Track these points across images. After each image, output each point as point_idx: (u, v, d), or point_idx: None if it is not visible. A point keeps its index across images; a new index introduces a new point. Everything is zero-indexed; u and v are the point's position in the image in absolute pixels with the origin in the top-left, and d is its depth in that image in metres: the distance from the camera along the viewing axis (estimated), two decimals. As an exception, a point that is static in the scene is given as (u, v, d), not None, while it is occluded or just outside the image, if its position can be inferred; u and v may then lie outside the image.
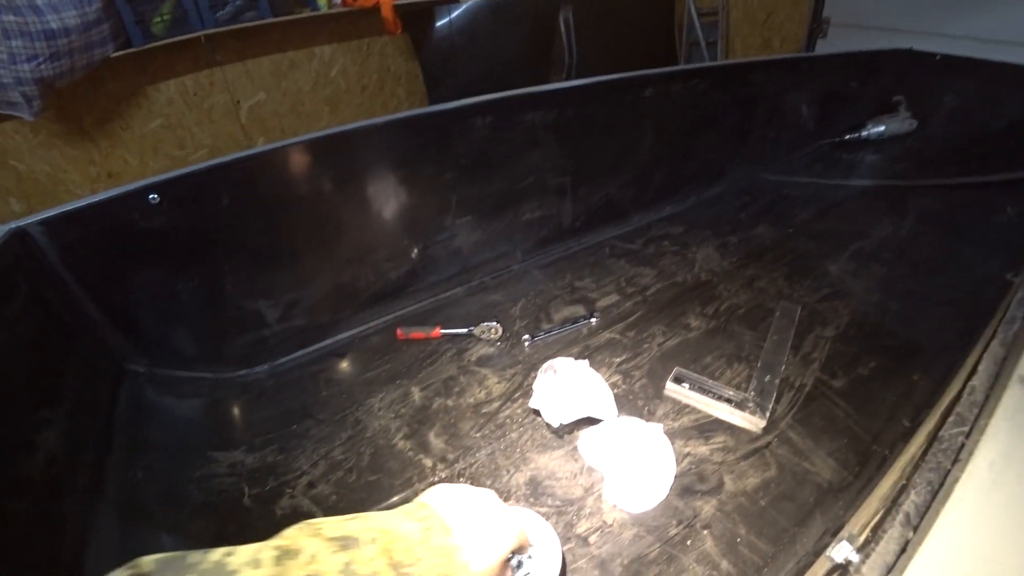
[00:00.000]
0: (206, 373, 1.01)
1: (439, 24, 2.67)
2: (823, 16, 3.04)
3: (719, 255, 1.29)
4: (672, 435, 0.81)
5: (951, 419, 0.37)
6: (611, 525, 0.69)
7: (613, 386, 0.90)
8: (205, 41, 2.25)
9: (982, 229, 1.39)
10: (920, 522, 0.31)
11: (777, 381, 0.89)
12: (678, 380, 0.89)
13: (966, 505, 0.31)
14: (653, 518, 0.70)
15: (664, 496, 0.72)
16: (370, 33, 2.69)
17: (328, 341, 1.09)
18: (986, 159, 1.69)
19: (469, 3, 2.72)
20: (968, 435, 0.36)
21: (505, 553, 0.49)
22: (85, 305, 0.87)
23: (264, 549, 0.36)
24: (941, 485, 0.33)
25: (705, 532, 0.68)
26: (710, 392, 0.86)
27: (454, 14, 2.68)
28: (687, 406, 0.87)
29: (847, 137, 1.96)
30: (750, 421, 0.82)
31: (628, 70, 1.28)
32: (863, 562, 0.29)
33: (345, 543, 0.39)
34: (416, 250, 1.14)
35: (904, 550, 0.30)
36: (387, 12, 2.30)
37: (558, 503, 0.73)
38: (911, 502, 0.32)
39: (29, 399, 0.71)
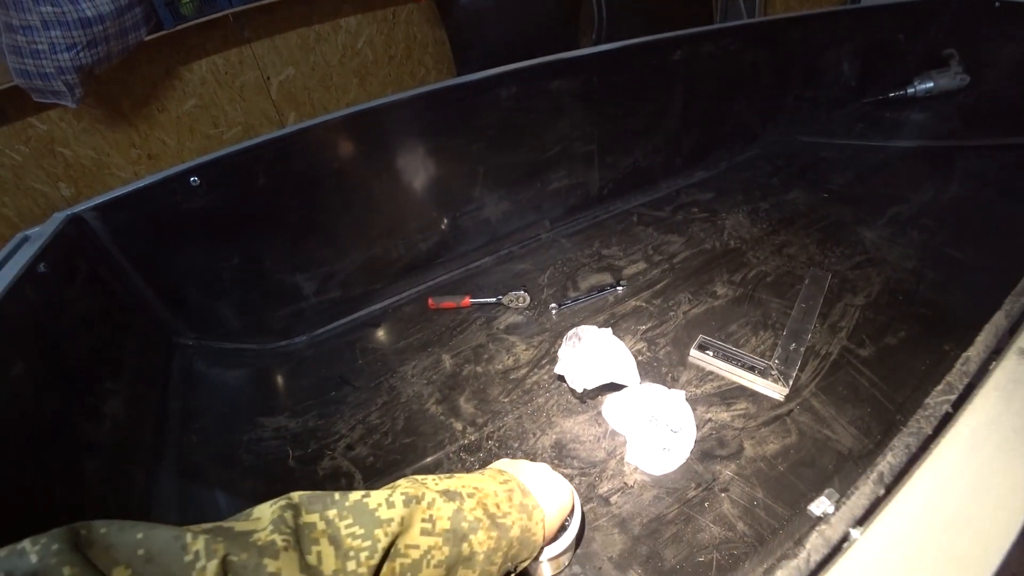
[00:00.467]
0: (250, 344, 1.07)
1: (464, -12, 2.63)
2: (871, -39, 2.86)
3: (749, 221, 1.28)
4: (694, 401, 0.82)
5: (939, 387, 0.39)
6: (632, 487, 0.72)
7: (638, 353, 0.92)
8: (233, 19, 2.28)
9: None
10: (893, 481, 0.33)
11: (803, 349, 0.89)
12: (702, 348, 0.90)
13: (940, 468, 0.32)
14: (673, 481, 0.72)
15: (684, 460, 0.74)
16: (395, 2, 2.67)
17: (362, 312, 1.13)
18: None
19: (494, -34, 2.66)
20: (955, 404, 0.37)
21: (565, 512, 0.58)
22: (137, 283, 0.93)
23: (394, 493, 0.43)
24: (921, 448, 0.35)
25: (723, 495, 0.70)
26: (734, 360, 0.87)
27: (479, -24, 2.63)
28: (711, 373, 0.88)
29: (891, 95, 1.87)
30: (773, 388, 0.83)
31: (661, 27, 1.25)
32: (833, 514, 0.32)
33: (450, 495, 0.46)
34: (446, 221, 1.17)
35: (873, 506, 0.32)
36: (412, -21, 2.28)
37: (582, 465, 0.76)
38: (887, 462, 0.34)
39: (94, 371, 0.78)
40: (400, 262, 1.15)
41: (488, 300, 1.09)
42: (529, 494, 0.53)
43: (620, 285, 1.09)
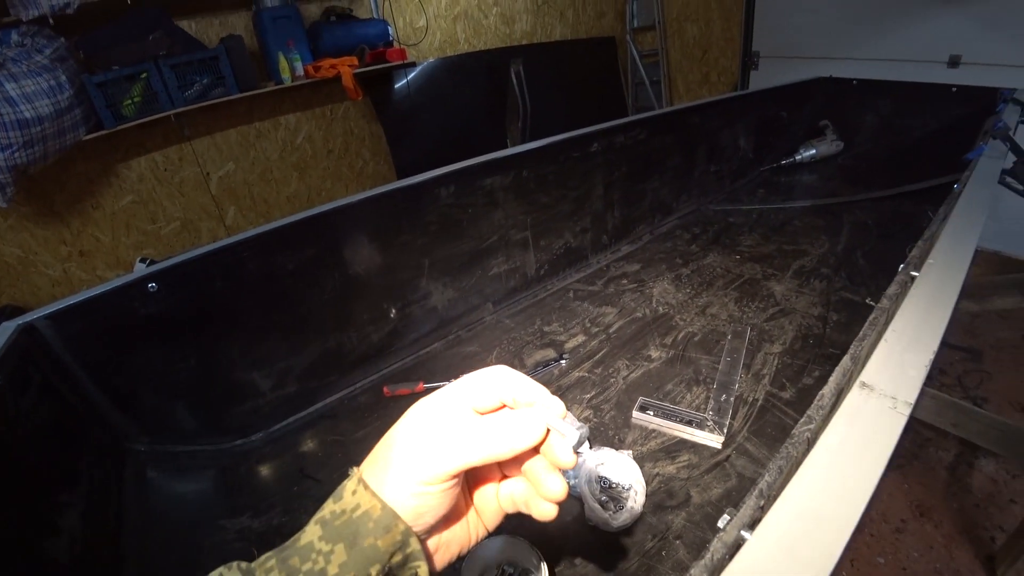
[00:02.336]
0: (205, 446, 1.06)
1: (398, 86, 2.82)
2: (753, 50, 3.31)
3: (674, 287, 1.41)
4: (641, 459, 0.89)
5: (802, 419, 0.50)
6: (594, 546, 0.77)
7: (585, 420, 0.99)
8: (174, 119, 2.34)
9: (911, 236, 1.54)
10: (771, 494, 0.43)
11: (732, 399, 0.99)
12: (643, 408, 0.98)
13: (806, 480, 0.43)
14: (631, 535, 0.78)
15: (639, 514, 0.80)
16: (332, 100, 2.82)
17: (319, 405, 1.15)
18: (906, 170, 1.87)
19: (425, 64, 2.88)
20: (814, 431, 0.48)
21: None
22: (89, 391, 0.92)
23: None
24: (791, 467, 0.46)
25: (678, 542, 0.76)
26: (673, 416, 0.96)
27: (411, 75, 2.84)
28: (653, 431, 0.96)
29: (783, 162, 2.15)
30: (710, 438, 0.92)
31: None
32: (729, 523, 0.41)
33: None
34: (395, 312, 1.22)
35: (757, 514, 0.42)
36: (348, 81, 2.43)
37: (544, 531, 0.80)
38: (765, 481, 0.44)
39: (50, 484, 0.76)
40: (354, 353, 1.19)
41: (441, 384, 1.14)
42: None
43: (563, 358, 1.17)
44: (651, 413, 0.97)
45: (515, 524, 0.82)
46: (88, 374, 0.92)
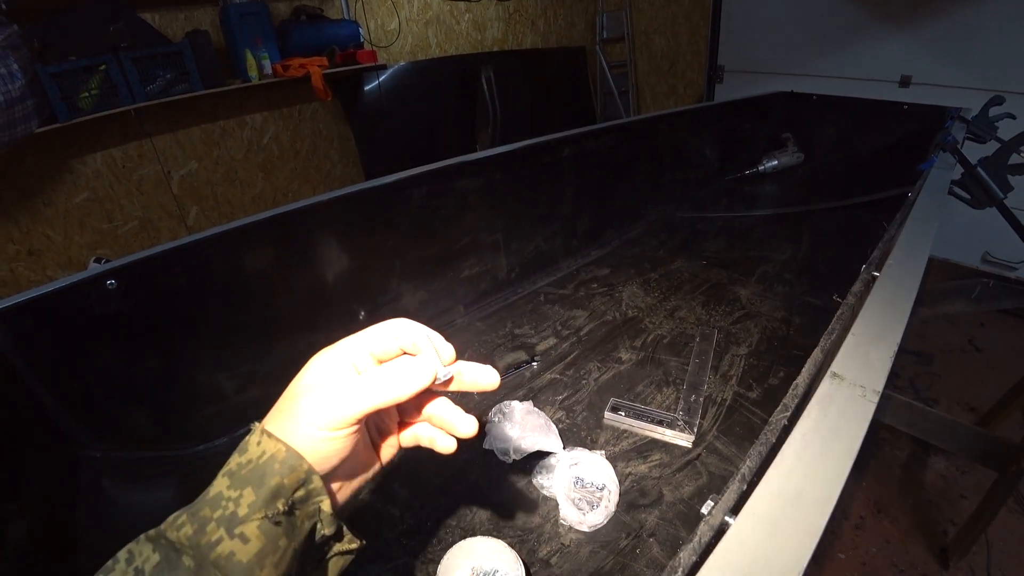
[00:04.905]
0: (165, 452, 1.02)
1: (368, 88, 2.80)
2: (718, 64, 3.40)
3: (643, 291, 1.44)
4: (614, 459, 0.90)
5: (779, 408, 0.52)
6: (568, 546, 0.78)
7: (558, 421, 1.00)
8: (134, 114, 2.26)
9: (867, 243, 1.61)
10: (752, 479, 0.45)
11: (702, 399, 1.01)
12: (615, 409, 0.99)
13: (784, 464, 0.45)
14: (605, 534, 0.79)
15: (612, 513, 0.81)
16: (301, 100, 2.77)
17: (286, 407, 1.12)
18: (862, 182, 1.95)
19: (396, 67, 2.87)
20: (790, 418, 0.50)
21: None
22: (40, 394, 0.88)
23: None
24: (770, 453, 0.48)
25: (651, 540, 0.77)
26: (644, 416, 0.97)
27: (382, 77, 2.82)
28: (625, 431, 0.97)
29: (747, 172, 2.21)
30: (681, 437, 0.93)
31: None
32: (714, 508, 0.42)
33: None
34: (364, 313, 1.21)
35: (740, 499, 0.44)
36: (317, 81, 2.40)
37: (519, 532, 0.80)
38: (747, 466, 0.46)
39: (-5, 494, 0.72)
40: (323, 354, 1.16)
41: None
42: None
43: (535, 361, 1.17)
44: (623, 414, 0.98)
45: (491, 526, 0.82)
46: (38, 377, 0.87)
